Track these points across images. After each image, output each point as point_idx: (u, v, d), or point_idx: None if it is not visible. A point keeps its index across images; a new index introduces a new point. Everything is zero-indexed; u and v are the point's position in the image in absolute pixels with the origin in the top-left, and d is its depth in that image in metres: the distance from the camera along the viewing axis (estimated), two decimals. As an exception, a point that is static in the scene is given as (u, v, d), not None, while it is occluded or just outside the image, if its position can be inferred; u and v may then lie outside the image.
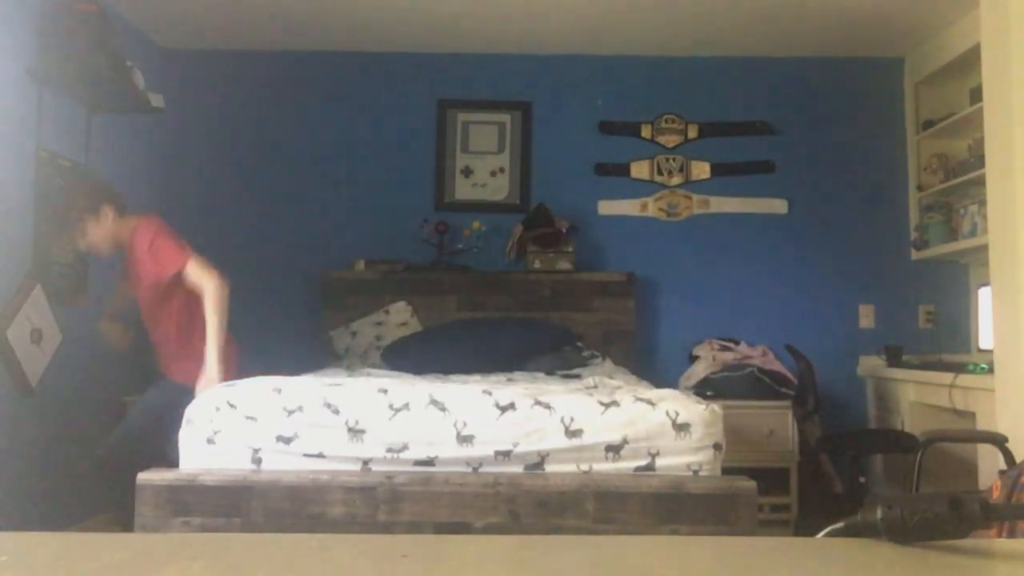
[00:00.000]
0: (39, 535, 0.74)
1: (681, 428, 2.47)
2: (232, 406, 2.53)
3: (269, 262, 4.81)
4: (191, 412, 2.56)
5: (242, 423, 2.50)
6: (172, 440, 2.60)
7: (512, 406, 2.50)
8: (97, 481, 3.20)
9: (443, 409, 2.49)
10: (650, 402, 2.54)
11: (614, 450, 2.44)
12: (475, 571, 0.66)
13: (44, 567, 0.66)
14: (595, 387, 2.89)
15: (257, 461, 2.47)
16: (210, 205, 4.84)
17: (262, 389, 2.61)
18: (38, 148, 3.55)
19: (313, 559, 0.68)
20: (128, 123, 4.30)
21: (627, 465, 2.44)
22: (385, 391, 2.60)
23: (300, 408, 2.51)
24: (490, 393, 2.58)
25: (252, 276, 4.78)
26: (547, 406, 2.50)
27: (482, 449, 2.44)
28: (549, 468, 2.45)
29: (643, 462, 2.44)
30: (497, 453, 2.44)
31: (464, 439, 2.44)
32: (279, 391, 2.58)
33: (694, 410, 2.52)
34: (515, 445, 2.44)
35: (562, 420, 2.46)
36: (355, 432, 2.46)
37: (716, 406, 2.56)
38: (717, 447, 2.48)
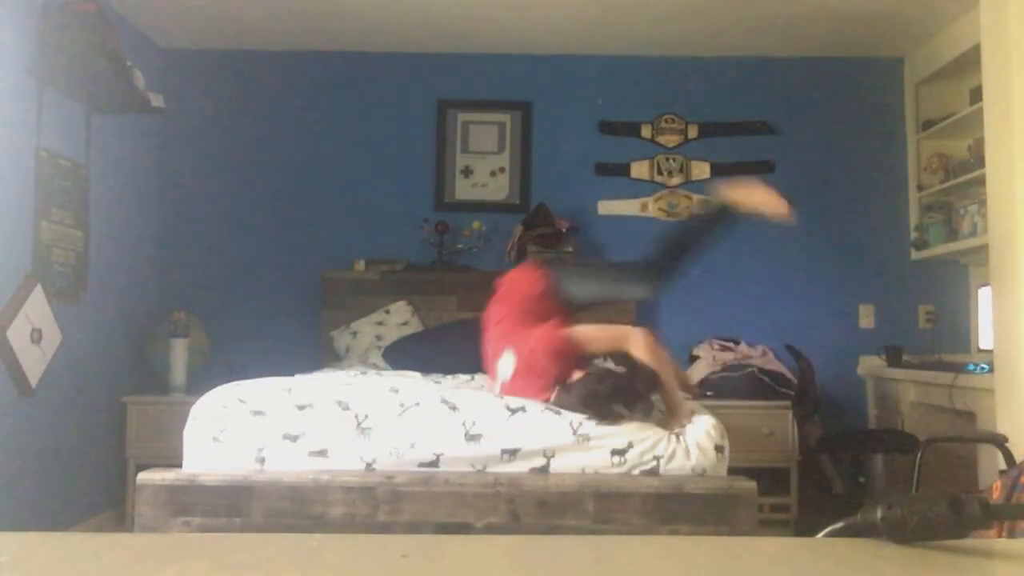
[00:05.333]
0: (39, 535, 0.74)
1: (681, 433, 2.49)
2: (242, 401, 2.54)
3: (269, 262, 4.81)
4: (196, 409, 2.57)
5: (248, 420, 2.50)
6: None
7: (523, 408, 2.52)
8: None
9: (453, 408, 2.51)
10: None
11: (620, 454, 2.45)
12: (475, 571, 0.66)
13: (44, 567, 0.66)
14: None
15: (261, 460, 2.47)
16: (210, 205, 4.84)
17: (272, 387, 2.64)
18: (38, 148, 3.55)
19: (313, 559, 0.68)
20: (128, 123, 4.30)
21: (632, 468, 2.45)
22: (396, 390, 2.64)
23: (311, 404, 2.52)
24: (501, 396, 2.62)
25: (252, 276, 4.80)
26: (557, 412, 2.52)
27: (488, 448, 2.45)
28: (555, 470, 2.46)
29: (648, 466, 2.45)
30: (504, 451, 2.45)
31: (472, 437, 2.45)
32: (289, 390, 2.60)
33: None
34: (522, 444, 2.45)
35: (570, 424, 2.47)
36: (363, 429, 2.47)
37: (710, 416, 2.60)
38: (719, 449, 2.49)
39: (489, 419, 2.48)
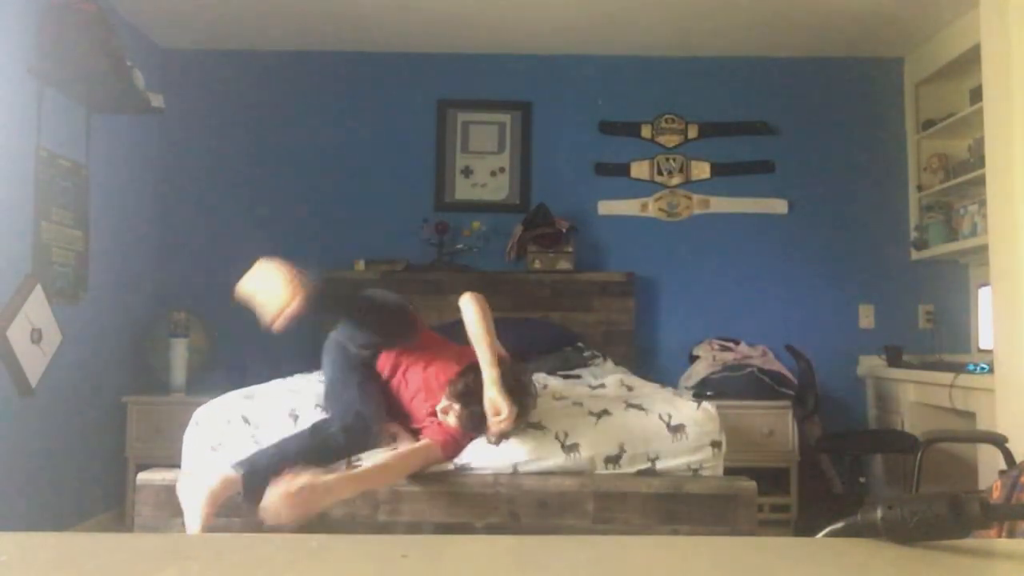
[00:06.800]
0: (39, 535, 0.74)
1: (676, 430, 2.46)
2: (246, 422, 2.53)
3: (269, 262, 4.80)
4: (200, 415, 2.56)
5: (248, 444, 2.49)
6: None
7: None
8: None
9: None
10: (641, 407, 2.54)
11: (613, 461, 2.43)
12: (475, 571, 0.66)
13: (44, 567, 0.66)
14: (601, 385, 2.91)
15: None
16: (210, 205, 4.84)
17: (279, 412, 2.61)
18: (38, 148, 3.55)
19: (313, 559, 0.68)
20: (128, 123, 4.30)
21: (628, 471, 2.44)
22: None
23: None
24: None
25: (252, 276, 4.79)
26: (540, 426, 2.48)
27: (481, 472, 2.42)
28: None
29: (643, 467, 2.44)
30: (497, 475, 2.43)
31: (462, 468, 2.43)
32: (296, 417, 2.57)
33: (686, 411, 2.52)
34: (515, 467, 2.43)
35: (556, 437, 2.45)
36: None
37: (708, 404, 2.56)
38: (715, 444, 2.47)
39: (475, 444, 2.46)
